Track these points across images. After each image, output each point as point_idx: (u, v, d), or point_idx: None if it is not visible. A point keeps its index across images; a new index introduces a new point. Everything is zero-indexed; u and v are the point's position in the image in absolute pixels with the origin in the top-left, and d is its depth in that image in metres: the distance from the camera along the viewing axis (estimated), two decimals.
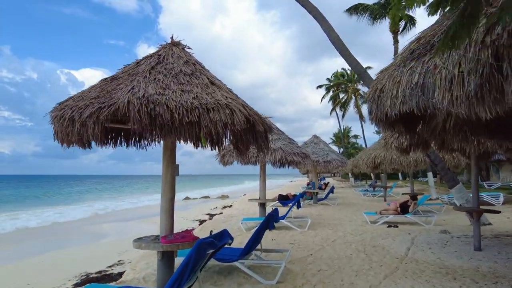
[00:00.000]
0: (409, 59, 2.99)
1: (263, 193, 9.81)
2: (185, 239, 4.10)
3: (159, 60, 4.02)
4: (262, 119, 4.01)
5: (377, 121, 3.51)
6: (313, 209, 13.69)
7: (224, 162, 9.87)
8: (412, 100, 2.80)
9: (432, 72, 2.62)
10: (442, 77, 2.51)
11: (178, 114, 3.24)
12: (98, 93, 3.52)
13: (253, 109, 3.91)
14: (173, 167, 4.34)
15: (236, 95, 3.98)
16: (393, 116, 3.08)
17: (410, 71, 2.89)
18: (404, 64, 2.99)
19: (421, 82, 2.71)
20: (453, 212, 11.90)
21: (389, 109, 3.05)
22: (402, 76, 2.93)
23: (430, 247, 6.51)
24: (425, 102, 2.68)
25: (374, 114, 3.37)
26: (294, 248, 6.66)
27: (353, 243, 6.98)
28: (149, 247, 4.03)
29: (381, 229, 8.73)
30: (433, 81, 2.58)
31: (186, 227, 11.59)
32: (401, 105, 2.91)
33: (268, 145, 4.43)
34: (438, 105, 2.54)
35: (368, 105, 3.49)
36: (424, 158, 11.56)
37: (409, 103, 2.83)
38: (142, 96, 3.31)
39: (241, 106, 3.57)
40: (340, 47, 8.88)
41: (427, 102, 2.66)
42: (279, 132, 10.08)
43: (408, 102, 2.85)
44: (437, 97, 2.53)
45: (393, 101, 3.00)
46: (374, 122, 3.57)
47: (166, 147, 4.34)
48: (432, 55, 2.65)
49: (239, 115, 3.41)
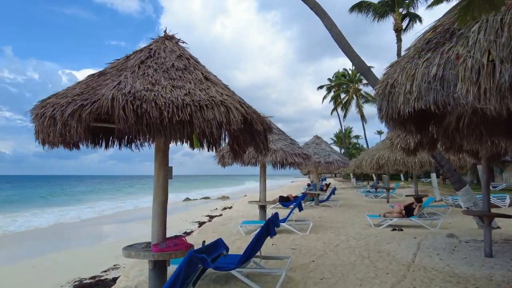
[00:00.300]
0: (425, 49, 2.69)
1: (263, 195, 9.52)
2: (178, 247, 3.82)
3: (149, 54, 3.73)
4: (261, 118, 3.73)
5: (387, 120, 3.21)
6: (314, 211, 13.39)
7: (223, 163, 9.59)
8: (429, 95, 2.50)
9: (454, 63, 2.32)
10: (466, 68, 2.20)
11: (167, 112, 2.95)
12: (83, 90, 3.23)
13: (251, 107, 3.62)
14: (166, 170, 4.06)
15: (233, 92, 3.69)
16: (406, 114, 2.78)
17: (427, 63, 2.58)
18: (419, 55, 2.69)
19: (440, 74, 2.41)
20: (459, 215, 11.58)
21: (402, 106, 2.74)
22: (417, 69, 2.62)
23: (437, 252, 6.21)
24: (444, 97, 2.37)
25: (385, 112, 3.06)
26: (295, 253, 6.36)
27: (356, 248, 6.68)
28: (139, 256, 3.74)
29: (385, 232, 8.43)
30: (455, 72, 2.28)
31: (185, 229, 11.35)
32: (415, 101, 2.60)
33: (268, 145, 4.14)
34: (461, 100, 2.23)
35: (378, 102, 3.19)
36: (429, 159, 11.25)
37: (425, 98, 2.51)
38: (128, 92, 3.02)
39: (238, 103, 3.28)
40: (343, 43, 8.59)
41: (447, 97, 2.35)
42: (280, 132, 9.79)
43: (424, 97, 2.54)
44: (459, 91, 2.23)
45: (406, 97, 2.69)
46: (384, 120, 3.26)
47: (158, 148, 4.06)
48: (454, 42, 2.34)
49: (235, 113, 3.12)
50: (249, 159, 8.75)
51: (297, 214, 11.17)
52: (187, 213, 17.97)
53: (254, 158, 8.78)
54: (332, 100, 48.73)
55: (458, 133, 3.83)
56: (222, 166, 9.80)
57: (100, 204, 25.33)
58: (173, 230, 11.19)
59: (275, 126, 9.91)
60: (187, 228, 11.69)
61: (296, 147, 9.44)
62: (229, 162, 9.33)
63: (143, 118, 2.93)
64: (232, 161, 9.36)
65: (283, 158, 8.84)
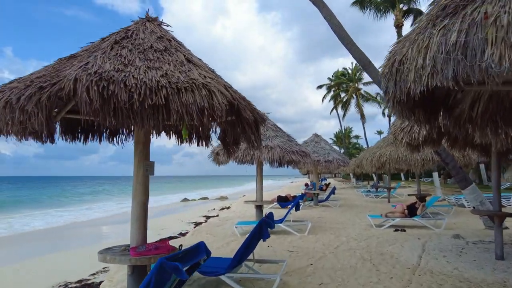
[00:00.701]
0: (441, 16, 2.28)
1: (260, 195, 9.13)
2: (159, 251, 3.42)
3: (126, 35, 3.34)
4: (251, 106, 3.32)
5: (394, 104, 2.79)
6: (313, 212, 12.98)
7: (218, 161, 9.21)
8: (448, 68, 2.08)
9: (481, 25, 1.92)
10: (500, 28, 1.81)
11: (138, 94, 2.54)
12: (47, 73, 2.83)
13: (239, 92, 3.22)
14: (146, 165, 3.66)
15: (218, 75, 3.29)
16: (418, 95, 2.37)
17: (444, 30, 2.16)
18: (433, 23, 2.28)
19: (461, 41, 2.00)
20: (463, 214, 11.19)
21: (413, 85, 2.32)
22: (432, 39, 2.21)
23: (444, 255, 5.81)
24: (467, 68, 1.97)
25: (392, 94, 2.64)
26: (292, 256, 5.96)
27: (357, 250, 6.28)
28: (114, 260, 3.34)
29: (387, 233, 8.03)
30: (483, 36, 1.89)
31: (181, 230, 10.95)
32: (429, 77, 2.19)
33: (260, 138, 3.74)
34: (492, 70, 1.84)
35: (383, 83, 2.77)
36: (432, 157, 10.85)
37: (442, 73, 2.09)
38: (94, 72, 2.62)
39: (223, 87, 2.89)
40: (342, 35, 8.20)
41: (471, 68, 1.95)
42: (277, 129, 9.39)
43: (440, 72, 2.12)
44: (489, 58, 1.83)
45: (418, 73, 2.27)
46: (391, 104, 2.83)
47: (137, 140, 3.66)
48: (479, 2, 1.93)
49: (219, 98, 2.72)
50: (244, 156, 8.36)
51: (295, 214, 10.76)
52: (184, 214, 17.62)
53: (250, 156, 8.38)
54: (331, 99, 48.36)
55: (471, 123, 3.44)
56: (217, 164, 9.42)
57: (101, 205, 25.00)
58: (169, 231, 10.82)
59: (272, 122, 9.53)
60: (182, 229, 11.29)
61: (293, 144, 9.05)
62: (224, 160, 8.94)
63: (110, 102, 2.53)
64: (227, 159, 8.98)
65: (280, 155, 8.44)
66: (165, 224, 13.08)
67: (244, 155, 8.43)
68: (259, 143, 3.68)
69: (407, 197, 19.19)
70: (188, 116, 2.59)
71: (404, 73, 2.43)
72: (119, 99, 2.51)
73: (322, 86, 49.71)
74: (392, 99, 2.73)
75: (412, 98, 2.54)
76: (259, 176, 9.27)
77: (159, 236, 9.75)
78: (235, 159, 8.84)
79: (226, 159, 8.93)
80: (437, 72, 2.16)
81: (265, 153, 8.35)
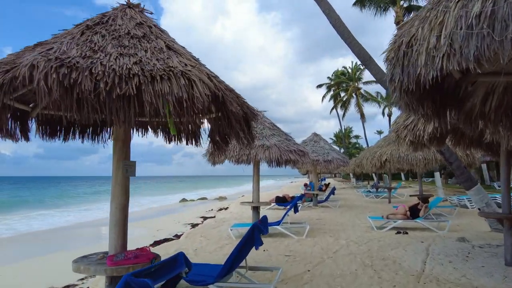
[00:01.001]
0: None
1: (257, 195, 8.78)
2: (138, 260, 3.08)
3: (101, 21, 3.00)
4: (240, 99, 2.99)
5: (401, 94, 2.44)
6: (313, 212, 12.65)
7: (214, 161, 8.86)
8: (470, 45, 1.73)
9: None
10: None
11: (105, 83, 2.21)
12: (4, 60, 2.49)
13: (225, 83, 2.88)
14: (126, 165, 3.32)
15: (202, 64, 2.95)
16: (429, 81, 2.02)
17: (463, 1, 1.83)
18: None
19: (487, 11, 1.66)
20: (466, 216, 10.85)
21: (424, 70, 1.98)
22: (448, 13, 1.86)
23: (450, 260, 5.47)
24: (496, 44, 1.63)
25: (398, 82, 2.30)
26: (288, 261, 5.63)
27: (358, 255, 5.94)
28: (89, 270, 3.01)
29: (389, 236, 7.69)
30: None
31: (176, 231, 10.62)
32: (445, 59, 1.83)
33: (252, 135, 3.41)
34: None
35: (388, 70, 2.42)
36: (435, 156, 10.51)
37: (461, 52, 1.73)
38: (54, 58, 2.28)
39: (206, 76, 2.55)
40: (341, 30, 7.86)
41: (501, 43, 1.61)
42: (274, 127, 9.05)
43: (459, 51, 1.76)
44: None
45: (430, 55, 1.91)
46: (397, 93, 2.47)
47: (116, 137, 3.33)
48: None
49: (200, 88, 2.38)
50: (240, 156, 8.02)
51: (294, 216, 10.44)
52: (181, 214, 17.35)
53: (246, 155, 8.05)
54: (331, 98, 48.02)
55: (483, 118, 3.11)
56: (212, 164, 9.08)
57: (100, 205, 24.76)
58: (164, 232, 10.50)
59: (269, 121, 9.19)
60: (178, 230, 10.98)
61: (291, 143, 8.71)
62: (219, 160, 8.60)
63: (72, 91, 2.20)
64: (223, 159, 8.64)
65: (277, 155, 8.10)
66: (161, 225, 12.78)
67: (240, 154, 8.09)
68: (250, 141, 3.36)
69: (408, 197, 18.86)
70: (164, 109, 2.26)
71: (413, 57, 2.08)
72: (83, 88, 2.18)
73: (322, 85, 49.37)
74: (398, 88, 2.39)
75: (422, 87, 2.20)
76: (255, 176, 8.93)
77: (154, 237, 9.43)
78: (231, 159, 8.52)
79: (221, 158, 8.59)
80: (455, 52, 1.82)
81: (261, 153, 8.01)
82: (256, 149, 8.04)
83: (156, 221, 14.71)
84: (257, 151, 8.02)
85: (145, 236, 10.39)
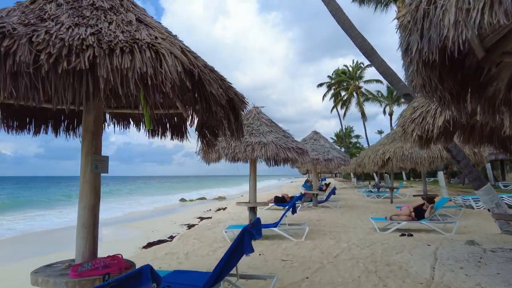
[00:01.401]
0: None
1: (253, 195, 8.35)
2: (108, 270, 2.65)
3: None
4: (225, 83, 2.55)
5: (418, 67, 1.98)
6: (312, 213, 12.21)
7: (207, 159, 8.42)
8: None
9: None
10: None
11: (48, 54, 1.78)
12: None
13: (204, 60, 2.44)
14: (95, 160, 2.89)
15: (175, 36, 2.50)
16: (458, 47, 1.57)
17: None
18: None
19: None
20: (473, 216, 10.41)
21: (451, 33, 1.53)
22: None
23: (461, 266, 5.03)
24: None
25: (416, 51, 1.83)
26: (285, 267, 5.19)
27: (360, 260, 5.50)
28: (48, 283, 2.57)
29: (393, 238, 7.26)
30: None
31: (172, 232, 10.19)
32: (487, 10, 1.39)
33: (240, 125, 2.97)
34: None
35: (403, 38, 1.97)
36: (441, 154, 10.06)
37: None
38: None
39: (179, 49, 2.11)
40: (342, 19, 7.43)
41: None
42: (272, 124, 8.61)
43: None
44: None
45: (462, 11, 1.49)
46: (415, 67, 2.00)
47: (85, 129, 2.90)
48: None
49: (169, 63, 1.95)
50: (235, 153, 7.58)
51: (292, 217, 10.02)
52: (178, 215, 16.99)
53: (241, 153, 7.61)
54: (332, 97, 47.55)
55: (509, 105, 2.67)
56: (207, 163, 8.64)
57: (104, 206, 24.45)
58: (159, 233, 10.09)
59: (267, 117, 8.76)
60: (173, 231, 10.57)
61: (290, 140, 8.27)
62: (213, 158, 8.15)
63: (5, 63, 1.77)
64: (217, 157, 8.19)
65: (274, 152, 7.66)
66: (156, 226, 12.37)
67: (235, 152, 7.66)
68: (236, 133, 2.92)
69: (410, 197, 18.41)
70: (124, 88, 1.84)
71: (437, 16, 1.64)
72: (18, 59, 1.75)
73: (322, 84, 48.89)
74: (416, 60, 1.93)
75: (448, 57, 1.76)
76: (252, 175, 8.50)
77: (148, 239, 9.00)
78: (226, 157, 8.08)
79: (215, 157, 8.15)
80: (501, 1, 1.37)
81: (258, 150, 7.58)
82: (252, 146, 7.61)
83: (152, 222, 14.32)
84: (254, 148, 7.59)
85: (139, 237, 9.98)
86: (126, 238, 11.42)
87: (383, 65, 7.43)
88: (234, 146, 7.58)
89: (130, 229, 12.90)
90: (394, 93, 43.27)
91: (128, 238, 11.10)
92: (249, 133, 7.92)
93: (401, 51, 2.02)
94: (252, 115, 8.53)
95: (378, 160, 12.03)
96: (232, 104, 2.63)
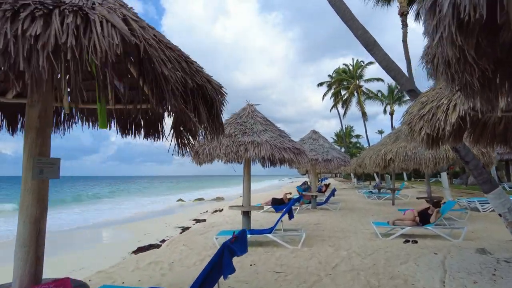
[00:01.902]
0: None
1: (247, 199, 7.83)
2: None
3: None
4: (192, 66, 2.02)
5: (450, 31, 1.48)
6: (311, 216, 11.67)
7: (199, 160, 7.88)
8: None
9: None
10: None
11: None
12: None
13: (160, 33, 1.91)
14: (40, 163, 2.37)
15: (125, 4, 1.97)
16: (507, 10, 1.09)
17: None
18: None
19: None
20: (480, 220, 9.89)
21: None
22: None
23: (474, 279, 4.51)
24: None
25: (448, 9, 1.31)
26: (278, 280, 4.67)
27: (361, 272, 4.98)
28: None
29: (396, 245, 6.73)
30: None
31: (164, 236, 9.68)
32: None
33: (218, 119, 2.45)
34: None
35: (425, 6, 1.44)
36: (447, 155, 9.53)
37: None
38: None
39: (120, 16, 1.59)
40: (342, 9, 6.91)
41: None
42: (267, 122, 8.08)
43: None
44: None
45: None
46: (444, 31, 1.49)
47: (29, 124, 2.39)
48: None
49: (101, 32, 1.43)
50: (227, 153, 7.06)
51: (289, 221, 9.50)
52: (174, 216, 16.58)
53: (234, 153, 7.09)
54: (332, 96, 46.98)
55: None
56: (198, 164, 8.10)
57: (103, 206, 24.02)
58: (151, 237, 9.59)
59: (261, 115, 8.23)
60: (166, 234, 10.08)
61: (286, 140, 7.74)
62: (204, 159, 7.62)
63: None
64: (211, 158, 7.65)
65: (269, 153, 7.14)
66: (150, 229, 11.90)
67: (227, 152, 7.13)
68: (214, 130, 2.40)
69: (412, 198, 17.88)
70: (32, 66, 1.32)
71: None
72: None
73: (322, 84, 48.29)
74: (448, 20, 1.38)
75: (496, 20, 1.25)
76: (246, 176, 7.98)
77: (139, 243, 8.47)
78: (218, 158, 7.56)
79: (208, 158, 7.61)
80: None
81: (251, 150, 7.05)
82: (245, 145, 7.09)
83: (146, 224, 13.89)
84: (247, 148, 7.07)
85: (130, 241, 9.48)
86: (117, 241, 10.94)
87: (386, 58, 6.91)
88: (226, 146, 7.07)
89: (124, 231, 12.46)
90: (395, 92, 42.71)
91: (119, 241, 10.62)
92: (242, 132, 7.40)
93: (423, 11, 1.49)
94: (246, 113, 8.01)
95: (379, 161, 11.49)
96: (202, 93, 2.12)
